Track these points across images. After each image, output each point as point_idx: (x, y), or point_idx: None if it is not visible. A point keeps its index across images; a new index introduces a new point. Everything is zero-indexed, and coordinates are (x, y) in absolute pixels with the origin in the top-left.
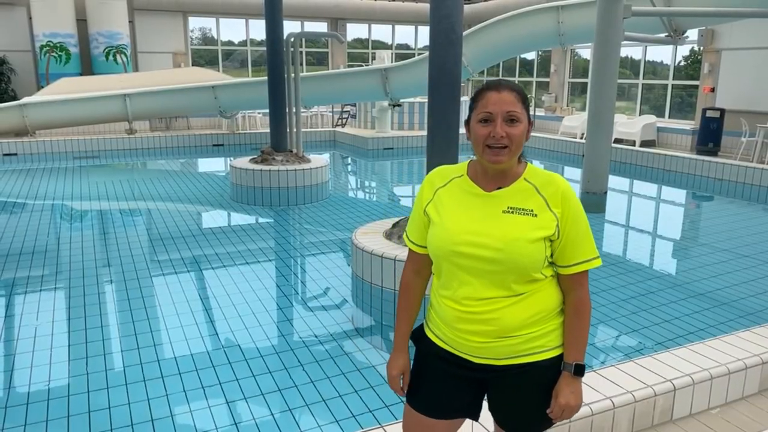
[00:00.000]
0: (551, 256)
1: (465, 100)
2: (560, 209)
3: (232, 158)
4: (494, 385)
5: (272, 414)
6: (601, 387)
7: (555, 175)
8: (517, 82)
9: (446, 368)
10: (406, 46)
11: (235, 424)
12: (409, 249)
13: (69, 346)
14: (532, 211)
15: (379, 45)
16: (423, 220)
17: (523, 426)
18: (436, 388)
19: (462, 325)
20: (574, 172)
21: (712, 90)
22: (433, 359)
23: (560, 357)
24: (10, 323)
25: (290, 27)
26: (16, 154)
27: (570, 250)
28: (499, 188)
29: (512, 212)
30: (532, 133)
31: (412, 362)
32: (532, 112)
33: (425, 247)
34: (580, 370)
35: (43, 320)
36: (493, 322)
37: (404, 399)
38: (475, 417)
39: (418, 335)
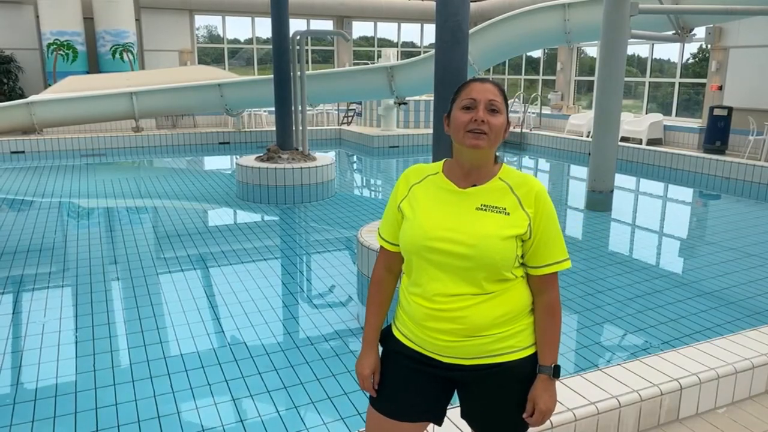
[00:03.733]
0: (522, 256)
1: None
2: (533, 209)
3: (238, 156)
4: (464, 386)
5: (278, 411)
6: (607, 386)
7: (529, 176)
8: (522, 80)
9: (413, 367)
10: (412, 44)
11: (241, 421)
12: (381, 246)
13: (76, 343)
14: (505, 209)
15: (385, 43)
16: (396, 217)
17: (497, 427)
18: (401, 389)
19: (431, 323)
20: (581, 171)
21: (720, 88)
22: (400, 358)
23: (530, 357)
24: (18, 320)
25: (296, 25)
26: (23, 152)
27: (542, 251)
28: (474, 186)
29: (485, 210)
30: (538, 131)
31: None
32: (537, 111)
33: (397, 245)
34: (557, 372)
35: (50, 317)
36: (462, 321)
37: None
38: (439, 421)
39: (385, 334)
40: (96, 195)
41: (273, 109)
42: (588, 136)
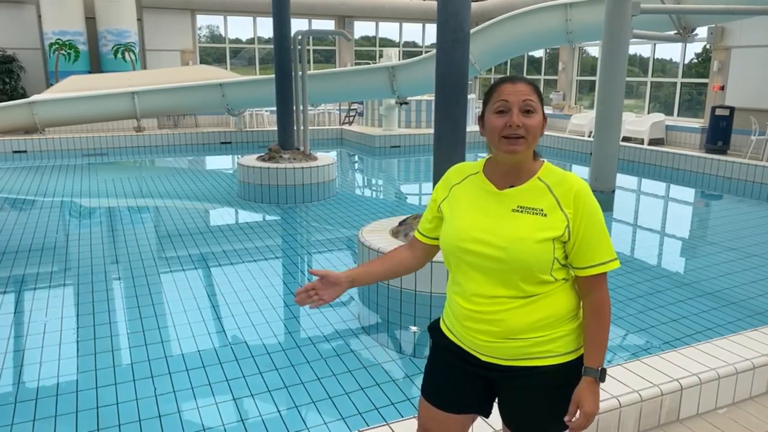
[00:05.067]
0: (565, 258)
1: (472, 98)
2: (572, 210)
3: (239, 156)
4: (501, 385)
5: (279, 411)
6: (608, 386)
7: (570, 174)
8: None
9: (456, 363)
10: (414, 44)
11: (242, 420)
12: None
13: (77, 342)
14: (542, 210)
15: (387, 43)
16: (435, 215)
17: (529, 429)
18: (447, 382)
19: (469, 323)
20: (582, 171)
21: (722, 88)
22: (446, 352)
23: (568, 364)
24: (20, 319)
25: (298, 25)
26: (25, 152)
27: (584, 251)
28: (512, 186)
29: (521, 211)
30: None
31: (427, 354)
32: None
33: (427, 236)
34: (603, 376)
35: (52, 316)
36: (498, 323)
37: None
38: (486, 414)
39: (435, 328)
40: (98, 194)
41: (274, 108)
42: (589, 136)
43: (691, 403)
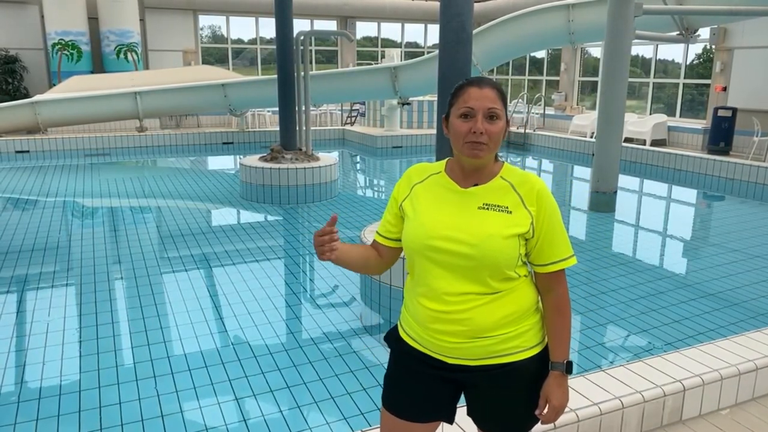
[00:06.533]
0: (526, 255)
1: None
2: (535, 208)
3: (241, 156)
4: (470, 386)
5: (281, 411)
6: (610, 387)
7: (531, 174)
8: (526, 80)
9: (421, 369)
10: (416, 45)
11: (244, 420)
12: (374, 240)
13: (80, 342)
14: (507, 208)
15: (389, 43)
16: (396, 215)
17: (504, 427)
18: (411, 390)
19: (435, 325)
20: (584, 171)
21: (724, 89)
22: (408, 360)
23: (536, 356)
24: (22, 319)
25: (300, 25)
26: (28, 152)
27: (546, 248)
28: (476, 185)
29: (488, 209)
30: (542, 132)
31: (388, 360)
32: (541, 111)
33: (388, 238)
34: (570, 368)
35: (55, 316)
36: (466, 322)
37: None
38: (450, 420)
39: (394, 337)
40: (100, 194)
41: (276, 109)
42: (592, 137)
43: (694, 404)
